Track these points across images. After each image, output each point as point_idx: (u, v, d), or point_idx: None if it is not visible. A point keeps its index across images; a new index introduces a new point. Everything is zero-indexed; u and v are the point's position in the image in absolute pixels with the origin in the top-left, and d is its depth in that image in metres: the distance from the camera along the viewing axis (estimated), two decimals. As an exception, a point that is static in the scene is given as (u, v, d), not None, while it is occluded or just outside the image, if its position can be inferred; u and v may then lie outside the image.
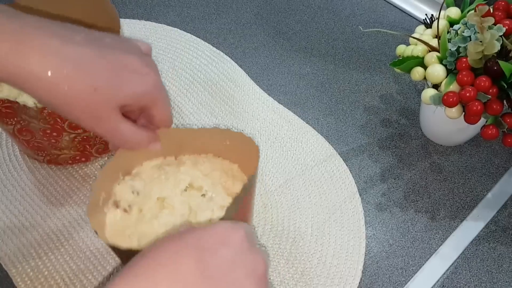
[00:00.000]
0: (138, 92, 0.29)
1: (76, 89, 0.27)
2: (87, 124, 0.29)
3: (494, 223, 0.47)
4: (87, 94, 0.27)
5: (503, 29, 0.39)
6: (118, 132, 0.30)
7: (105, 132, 0.30)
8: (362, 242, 0.45)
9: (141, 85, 0.29)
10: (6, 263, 0.43)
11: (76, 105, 0.27)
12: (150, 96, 0.30)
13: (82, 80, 0.27)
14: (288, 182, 0.49)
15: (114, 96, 0.28)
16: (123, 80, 0.28)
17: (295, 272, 0.43)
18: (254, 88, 0.57)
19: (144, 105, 0.31)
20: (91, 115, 0.28)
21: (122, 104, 0.29)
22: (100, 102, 0.28)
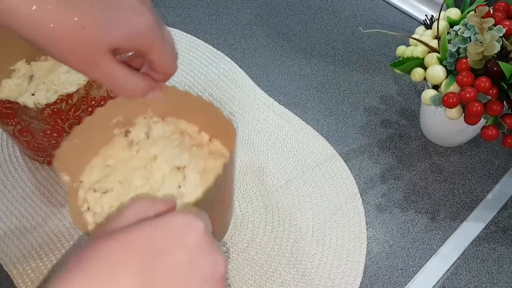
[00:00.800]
0: (131, 33, 0.26)
1: (61, 26, 0.24)
2: (77, 67, 0.26)
3: (494, 224, 0.47)
4: (74, 32, 0.24)
5: (503, 30, 0.39)
6: (112, 76, 0.27)
7: (98, 76, 0.26)
8: (363, 243, 0.45)
9: (135, 26, 0.26)
10: (7, 264, 0.43)
11: (64, 45, 0.25)
12: (146, 38, 0.27)
13: (68, 16, 0.24)
14: (289, 182, 0.49)
15: (105, 36, 0.25)
16: (114, 19, 0.25)
17: (296, 273, 0.43)
18: (254, 89, 0.57)
19: (140, 48, 0.27)
20: (80, 56, 0.25)
21: (114, 45, 0.26)
22: (89, 42, 0.25)
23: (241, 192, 0.48)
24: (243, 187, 0.49)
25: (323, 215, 0.47)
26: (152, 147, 0.38)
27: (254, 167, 0.50)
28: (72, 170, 0.36)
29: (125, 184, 0.36)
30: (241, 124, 0.54)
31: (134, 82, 0.28)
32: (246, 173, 0.50)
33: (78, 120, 0.44)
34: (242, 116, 0.55)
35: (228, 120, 0.36)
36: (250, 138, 0.53)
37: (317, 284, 0.43)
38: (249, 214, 0.47)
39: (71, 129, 0.44)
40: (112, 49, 0.26)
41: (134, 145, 0.39)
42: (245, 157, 0.51)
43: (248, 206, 0.47)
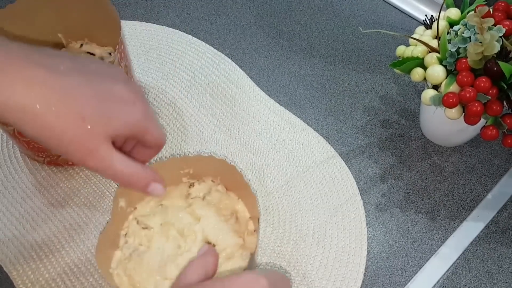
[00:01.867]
0: (128, 122, 0.28)
1: (63, 120, 0.26)
2: (77, 157, 0.27)
3: (494, 224, 0.47)
4: (75, 124, 0.26)
5: (503, 30, 0.39)
6: (111, 164, 0.28)
7: (97, 165, 0.28)
8: (364, 244, 0.45)
9: (131, 115, 0.28)
10: (7, 265, 0.43)
11: (64, 137, 0.26)
12: (141, 124, 0.29)
13: (69, 110, 0.26)
14: (289, 183, 0.49)
15: (104, 126, 0.27)
16: (111, 110, 0.27)
17: (297, 274, 0.43)
18: (255, 90, 0.57)
19: (136, 133, 0.29)
20: (80, 146, 0.26)
21: (113, 134, 0.28)
22: (89, 132, 0.26)
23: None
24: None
25: (324, 216, 0.47)
26: (201, 209, 0.40)
27: (254, 168, 0.50)
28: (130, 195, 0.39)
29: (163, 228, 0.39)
30: (241, 125, 0.54)
31: (131, 168, 0.29)
32: (246, 174, 0.50)
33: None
34: (242, 117, 0.54)
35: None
36: (250, 139, 0.53)
37: (318, 285, 0.43)
38: (250, 215, 0.47)
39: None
40: (110, 138, 0.27)
41: (189, 199, 0.41)
42: (245, 158, 0.51)
43: (248, 207, 0.47)
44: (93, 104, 0.27)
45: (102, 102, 0.27)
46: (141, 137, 0.30)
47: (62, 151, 0.27)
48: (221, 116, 0.54)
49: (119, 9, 0.65)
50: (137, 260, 0.37)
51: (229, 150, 0.51)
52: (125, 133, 0.28)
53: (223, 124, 0.54)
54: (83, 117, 0.26)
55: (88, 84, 0.27)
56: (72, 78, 0.27)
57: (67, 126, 0.26)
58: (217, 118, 0.54)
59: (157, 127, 0.31)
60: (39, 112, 0.25)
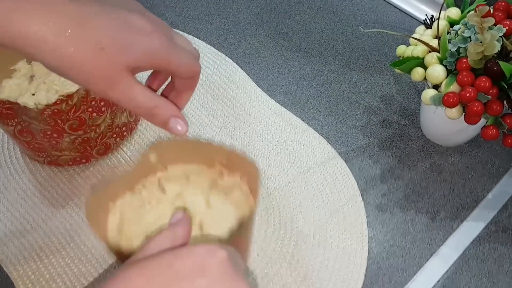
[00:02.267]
0: (147, 52, 0.27)
1: (81, 50, 0.25)
2: (98, 88, 0.27)
3: (495, 224, 0.47)
4: (94, 54, 0.25)
5: (503, 30, 0.39)
6: (132, 94, 0.27)
7: (118, 96, 0.27)
8: (364, 245, 0.45)
9: (148, 45, 0.27)
10: (7, 265, 0.43)
11: (84, 67, 0.26)
12: (160, 54, 0.28)
13: (87, 39, 0.25)
14: (290, 184, 0.49)
15: (123, 55, 0.26)
16: (129, 40, 0.27)
17: (298, 275, 0.43)
18: (256, 90, 0.57)
19: (158, 64, 0.28)
20: (101, 77, 0.26)
21: (132, 65, 0.27)
22: (109, 62, 0.26)
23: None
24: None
25: (325, 217, 0.47)
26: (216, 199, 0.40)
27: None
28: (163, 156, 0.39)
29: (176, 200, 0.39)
30: (242, 126, 0.54)
31: (154, 101, 0.28)
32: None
33: (78, 120, 0.44)
34: (243, 118, 0.54)
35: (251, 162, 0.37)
36: (251, 140, 0.53)
37: (319, 287, 0.42)
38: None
39: (73, 130, 0.44)
40: (131, 69, 0.27)
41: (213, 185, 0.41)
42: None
43: (249, 208, 0.47)
44: (111, 34, 0.26)
45: (120, 32, 0.26)
46: (167, 68, 0.29)
47: (83, 83, 0.26)
48: (222, 117, 0.54)
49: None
50: (139, 213, 0.37)
51: (229, 150, 0.52)
52: (145, 64, 0.28)
53: (223, 125, 0.54)
54: (102, 47, 0.26)
55: (106, 14, 0.26)
56: (89, 7, 0.26)
57: (87, 57, 0.25)
58: (217, 118, 0.54)
59: (181, 55, 0.29)
60: (58, 42, 0.25)
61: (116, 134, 0.49)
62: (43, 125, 0.43)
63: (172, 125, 0.29)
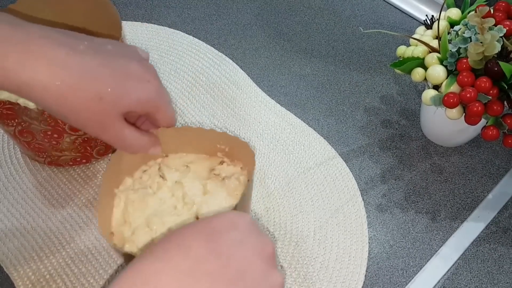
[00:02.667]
0: (142, 99, 0.30)
1: (82, 98, 0.28)
2: (93, 131, 0.30)
3: (495, 224, 0.47)
4: (93, 103, 0.28)
5: (504, 30, 0.39)
6: (123, 138, 0.31)
7: (110, 138, 0.31)
8: (365, 246, 0.45)
9: (144, 92, 0.30)
10: (8, 266, 0.43)
11: (83, 114, 0.28)
12: (153, 102, 0.31)
13: (88, 89, 0.28)
14: (290, 185, 0.49)
15: (119, 103, 0.29)
16: (127, 88, 0.29)
17: (298, 276, 0.43)
18: (256, 90, 0.57)
19: (148, 111, 0.31)
20: (97, 122, 0.29)
21: (127, 111, 0.30)
22: (106, 110, 0.29)
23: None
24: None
25: (325, 217, 0.47)
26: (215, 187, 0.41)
27: (256, 170, 0.50)
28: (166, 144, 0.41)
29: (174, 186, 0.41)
30: (242, 126, 0.54)
31: (140, 141, 0.33)
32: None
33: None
34: (243, 118, 0.54)
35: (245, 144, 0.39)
36: (251, 140, 0.53)
37: (319, 287, 0.42)
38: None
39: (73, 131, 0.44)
40: (124, 114, 0.30)
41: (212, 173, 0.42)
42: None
43: (249, 208, 0.47)
44: (110, 84, 0.29)
45: (119, 81, 0.29)
46: (153, 114, 0.32)
47: (79, 126, 0.30)
48: (222, 117, 0.54)
49: (120, 10, 0.65)
50: (140, 197, 0.39)
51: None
52: (138, 110, 0.31)
53: (224, 125, 0.54)
54: (100, 97, 0.28)
55: (106, 63, 0.29)
56: (90, 57, 0.29)
57: (86, 105, 0.28)
58: (218, 119, 0.54)
59: (168, 107, 0.33)
60: (60, 91, 0.27)
61: (117, 135, 0.49)
62: (44, 126, 0.43)
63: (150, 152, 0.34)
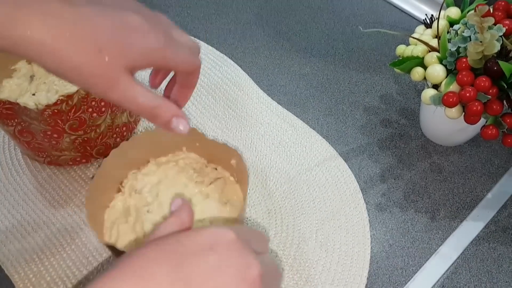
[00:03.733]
0: (144, 51, 0.27)
1: (80, 51, 0.25)
2: (98, 89, 0.27)
3: (494, 223, 0.47)
4: (92, 56, 0.26)
5: (503, 29, 0.39)
6: (133, 96, 0.27)
7: (119, 96, 0.27)
8: (367, 248, 0.45)
9: (147, 43, 0.27)
10: (8, 268, 0.43)
11: (83, 69, 0.26)
12: (158, 52, 0.28)
13: (85, 41, 0.25)
14: (292, 187, 0.49)
15: (121, 56, 0.26)
16: (127, 39, 0.27)
17: (300, 278, 0.43)
18: (257, 92, 0.57)
19: (155, 62, 0.28)
20: (100, 78, 0.26)
21: (131, 64, 0.27)
22: (108, 63, 0.26)
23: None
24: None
25: (327, 220, 0.47)
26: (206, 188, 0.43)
27: (257, 171, 0.50)
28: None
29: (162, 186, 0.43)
30: (244, 128, 0.54)
31: (154, 101, 0.28)
32: (249, 177, 0.49)
33: (78, 121, 0.44)
34: (245, 120, 0.54)
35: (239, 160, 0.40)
36: (253, 142, 0.52)
37: (320, 289, 0.42)
38: (252, 219, 0.46)
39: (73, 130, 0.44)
40: (129, 69, 0.27)
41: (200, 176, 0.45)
42: (247, 160, 0.51)
43: (251, 211, 0.47)
44: (108, 35, 0.26)
45: (117, 32, 0.27)
46: (165, 65, 0.29)
47: (83, 84, 0.27)
48: (224, 119, 0.54)
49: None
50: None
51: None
52: (144, 63, 0.28)
53: (225, 127, 0.54)
54: (100, 48, 0.26)
55: (103, 15, 0.27)
56: (86, 9, 0.26)
57: (85, 59, 0.26)
58: (219, 120, 0.54)
59: (179, 52, 0.29)
60: (57, 45, 0.25)
61: (116, 134, 0.49)
62: (43, 125, 0.43)
63: (174, 125, 0.29)
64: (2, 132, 0.53)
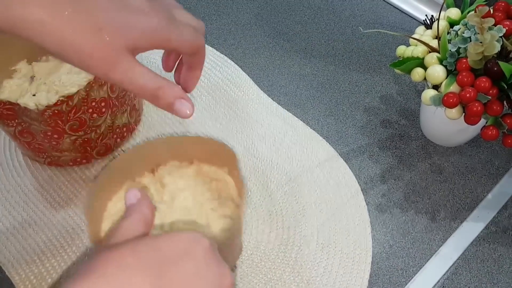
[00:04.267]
0: (145, 32, 0.27)
1: (80, 31, 0.25)
2: (99, 70, 0.26)
3: (494, 224, 0.47)
4: (92, 35, 0.25)
5: (503, 30, 0.39)
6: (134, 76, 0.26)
7: (121, 77, 0.26)
8: (368, 251, 0.44)
9: (148, 23, 0.27)
10: (9, 269, 0.43)
11: (83, 49, 0.25)
12: (158, 33, 0.27)
13: (85, 20, 0.25)
14: (293, 188, 0.49)
15: (122, 36, 0.26)
16: (127, 20, 0.26)
17: (301, 281, 0.43)
18: (258, 93, 0.57)
19: (157, 43, 0.27)
20: (101, 59, 0.25)
21: (132, 45, 0.26)
22: (108, 43, 0.25)
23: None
24: (247, 193, 0.48)
25: (328, 221, 0.47)
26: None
27: (258, 173, 0.50)
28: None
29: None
30: (244, 129, 0.54)
31: (157, 82, 0.27)
32: (250, 178, 0.49)
33: (79, 121, 0.44)
34: (245, 121, 0.54)
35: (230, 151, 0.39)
36: (253, 143, 0.52)
37: (322, 292, 0.42)
38: (253, 221, 0.46)
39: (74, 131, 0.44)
40: (131, 49, 0.26)
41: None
42: (248, 162, 0.51)
43: (252, 213, 0.47)
44: (108, 14, 0.26)
45: (117, 12, 0.26)
46: (167, 46, 0.28)
47: (83, 65, 0.26)
48: (224, 120, 0.54)
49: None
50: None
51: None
52: (145, 44, 0.27)
53: (226, 128, 0.54)
54: (100, 28, 0.25)
55: None
56: None
57: (85, 38, 0.25)
58: (220, 121, 0.54)
59: (181, 32, 0.28)
60: (56, 24, 0.24)
61: (117, 135, 0.49)
62: (44, 126, 0.43)
63: (178, 106, 0.28)
64: (2, 133, 0.53)
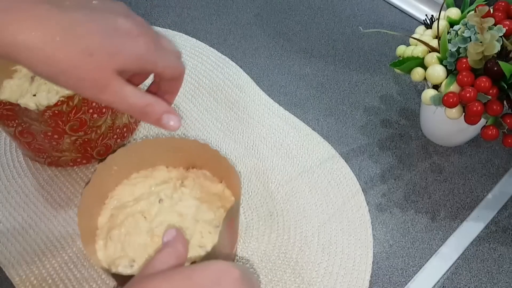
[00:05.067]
0: (133, 55, 0.28)
1: (71, 55, 0.26)
2: (89, 92, 0.27)
3: (495, 224, 0.47)
4: (83, 60, 0.26)
5: (503, 30, 0.39)
6: (124, 96, 0.28)
7: (111, 98, 0.28)
8: (369, 252, 0.44)
9: (136, 48, 0.28)
10: (9, 270, 0.43)
11: (74, 73, 0.26)
12: (147, 57, 0.29)
13: (76, 45, 0.26)
14: (294, 189, 0.49)
15: (111, 60, 0.27)
16: (117, 43, 0.27)
17: (302, 282, 0.43)
18: (259, 93, 0.57)
19: (144, 67, 0.29)
20: (91, 81, 0.27)
21: (121, 68, 0.28)
22: (99, 66, 0.27)
23: (245, 199, 0.48)
24: (247, 194, 0.48)
25: (329, 222, 0.46)
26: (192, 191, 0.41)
27: (259, 173, 0.50)
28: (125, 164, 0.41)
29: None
30: (245, 130, 0.54)
31: (145, 99, 0.29)
32: (251, 179, 0.49)
33: (79, 122, 0.44)
34: (246, 121, 0.54)
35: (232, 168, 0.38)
36: (254, 144, 0.52)
37: (323, 293, 0.42)
38: (254, 222, 0.46)
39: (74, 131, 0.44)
40: (119, 72, 0.28)
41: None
42: (249, 163, 0.51)
43: (253, 213, 0.47)
44: (98, 39, 0.27)
45: (107, 36, 0.27)
46: (153, 70, 0.30)
47: (75, 88, 0.27)
48: (225, 120, 0.54)
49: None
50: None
51: (233, 155, 0.51)
52: (133, 67, 0.28)
53: (227, 129, 0.54)
54: (90, 52, 0.26)
55: (92, 19, 0.27)
56: (76, 13, 0.27)
57: (76, 63, 0.26)
58: (221, 122, 0.54)
59: (166, 58, 0.30)
60: (47, 50, 0.25)
61: (117, 135, 0.49)
62: (44, 126, 0.43)
63: (165, 121, 0.30)
64: (3, 134, 0.53)
